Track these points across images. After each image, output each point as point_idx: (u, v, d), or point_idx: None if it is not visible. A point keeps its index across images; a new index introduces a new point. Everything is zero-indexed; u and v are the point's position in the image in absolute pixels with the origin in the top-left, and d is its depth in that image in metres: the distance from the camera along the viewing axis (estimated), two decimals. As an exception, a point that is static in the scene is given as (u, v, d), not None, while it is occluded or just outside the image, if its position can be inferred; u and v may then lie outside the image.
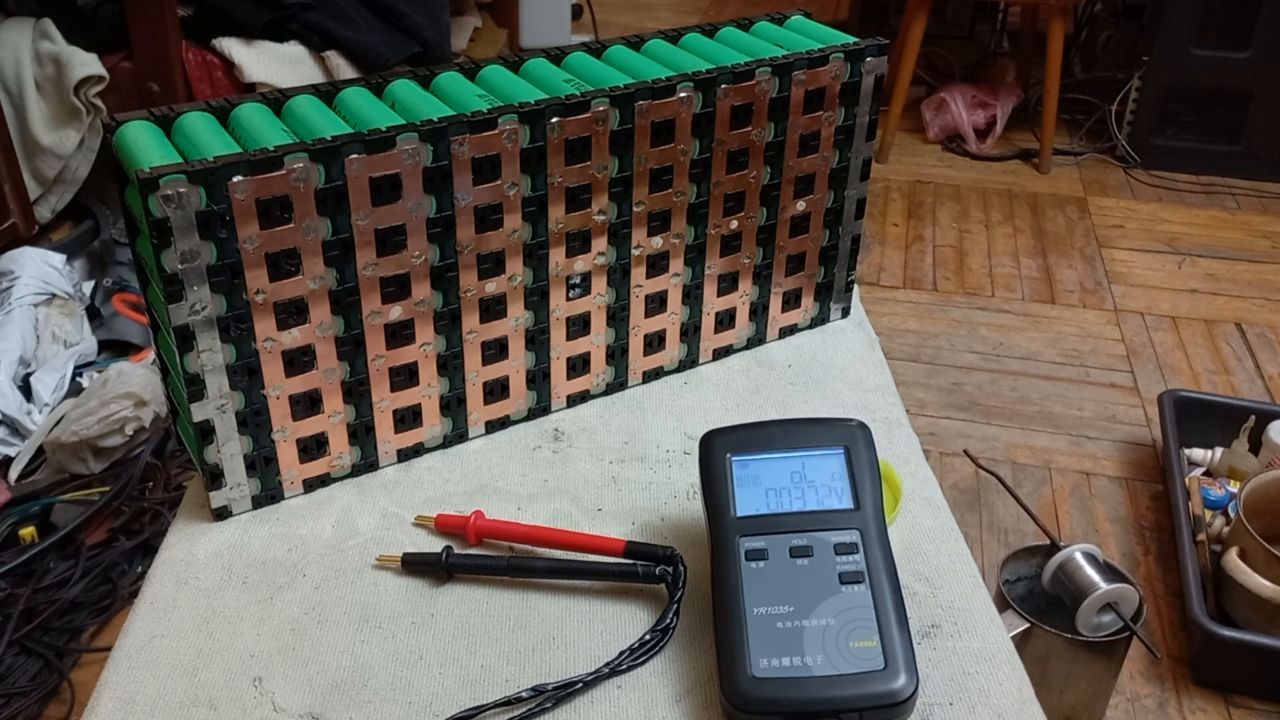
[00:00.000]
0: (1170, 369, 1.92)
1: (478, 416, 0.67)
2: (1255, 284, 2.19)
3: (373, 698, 0.51)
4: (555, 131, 0.59)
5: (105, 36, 1.77)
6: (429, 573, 0.57)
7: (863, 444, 0.55)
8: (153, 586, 0.57)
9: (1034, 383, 1.87)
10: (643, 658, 0.53)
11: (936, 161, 2.69)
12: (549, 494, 0.63)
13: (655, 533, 0.61)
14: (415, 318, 0.61)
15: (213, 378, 0.56)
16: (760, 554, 0.52)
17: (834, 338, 0.77)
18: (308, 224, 0.55)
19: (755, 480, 0.55)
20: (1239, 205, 2.50)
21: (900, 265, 2.25)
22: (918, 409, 1.80)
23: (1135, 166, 2.66)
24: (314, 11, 1.91)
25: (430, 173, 0.57)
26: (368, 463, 0.64)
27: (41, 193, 1.82)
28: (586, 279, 0.66)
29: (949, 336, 2.01)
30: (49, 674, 1.32)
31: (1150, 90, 2.57)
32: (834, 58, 0.67)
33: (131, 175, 0.52)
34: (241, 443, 0.59)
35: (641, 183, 0.64)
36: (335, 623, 0.55)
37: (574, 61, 0.67)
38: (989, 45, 3.17)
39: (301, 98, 0.60)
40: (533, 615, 0.55)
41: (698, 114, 0.64)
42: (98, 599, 1.40)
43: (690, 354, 0.73)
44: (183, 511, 0.62)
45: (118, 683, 0.52)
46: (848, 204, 0.74)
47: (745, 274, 0.72)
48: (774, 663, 0.48)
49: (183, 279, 0.53)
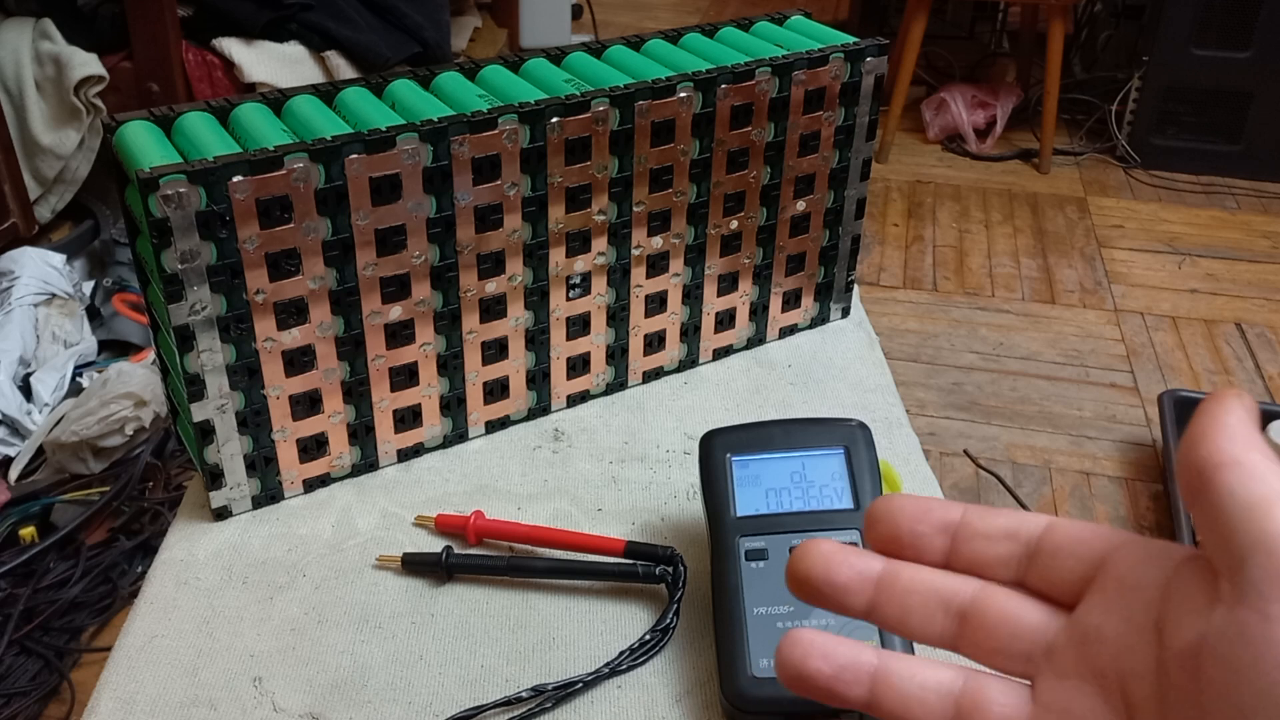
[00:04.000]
0: (1170, 369, 1.92)
1: (478, 416, 0.67)
2: (1255, 284, 2.19)
3: (373, 698, 0.51)
4: (555, 131, 0.59)
5: (105, 36, 1.77)
6: (429, 573, 0.57)
7: (863, 444, 0.55)
8: (153, 586, 0.57)
9: (1034, 383, 1.87)
10: (643, 658, 0.53)
11: (936, 161, 2.69)
12: (549, 494, 0.63)
13: (655, 533, 0.61)
14: (415, 318, 0.61)
15: (213, 378, 0.56)
16: (760, 554, 0.52)
17: (834, 338, 0.77)
18: (308, 224, 0.55)
19: (755, 480, 0.55)
20: (1239, 205, 2.50)
21: (900, 265, 2.25)
22: (918, 409, 1.80)
23: (1135, 166, 2.66)
24: (314, 11, 1.91)
25: (430, 173, 0.57)
26: (368, 463, 0.64)
27: (41, 193, 1.82)
28: (586, 279, 0.66)
29: (949, 336, 2.01)
30: (49, 674, 1.32)
31: (1150, 90, 2.57)
32: (834, 58, 0.67)
33: (131, 175, 0.52)
34: (241, 443, 0.59)
35: (641, 183, 0.64)
36: (335, 623, 0.55)
37: (574, 61, 0.67)
38: (989, 45, 3.17)
39: (301, 98, 0.60)
40: (533, 615, 0.55)
41: (698, 114, 0.64)
42: (98, 599, 1.40)
43: (690, 354, 0.73)
44: (183, 511, 0.62)
45: (118, 683, 0.52)
46: (848, 204, 0.74)
47: (745, 274, 0.72)
48: (774, 663, 0.48)
49: (183, 279, 0.53)
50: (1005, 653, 0.29)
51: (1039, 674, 0.29)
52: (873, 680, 0.29)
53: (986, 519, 0.30)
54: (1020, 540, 0.29)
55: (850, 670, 0.29)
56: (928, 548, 0.30)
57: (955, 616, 0.29)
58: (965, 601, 0.29)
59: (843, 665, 0.29)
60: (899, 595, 0.30)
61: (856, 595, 0.30)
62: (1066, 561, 0.28)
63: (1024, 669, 0.29)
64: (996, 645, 0.29)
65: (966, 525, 0.30)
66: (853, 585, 0.30)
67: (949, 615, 0.29)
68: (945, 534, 0.30)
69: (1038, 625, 0.29)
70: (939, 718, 0.29)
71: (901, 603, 0.30)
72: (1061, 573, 0.29)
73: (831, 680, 0.29)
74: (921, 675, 0.29)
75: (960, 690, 0.29)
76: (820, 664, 0.29)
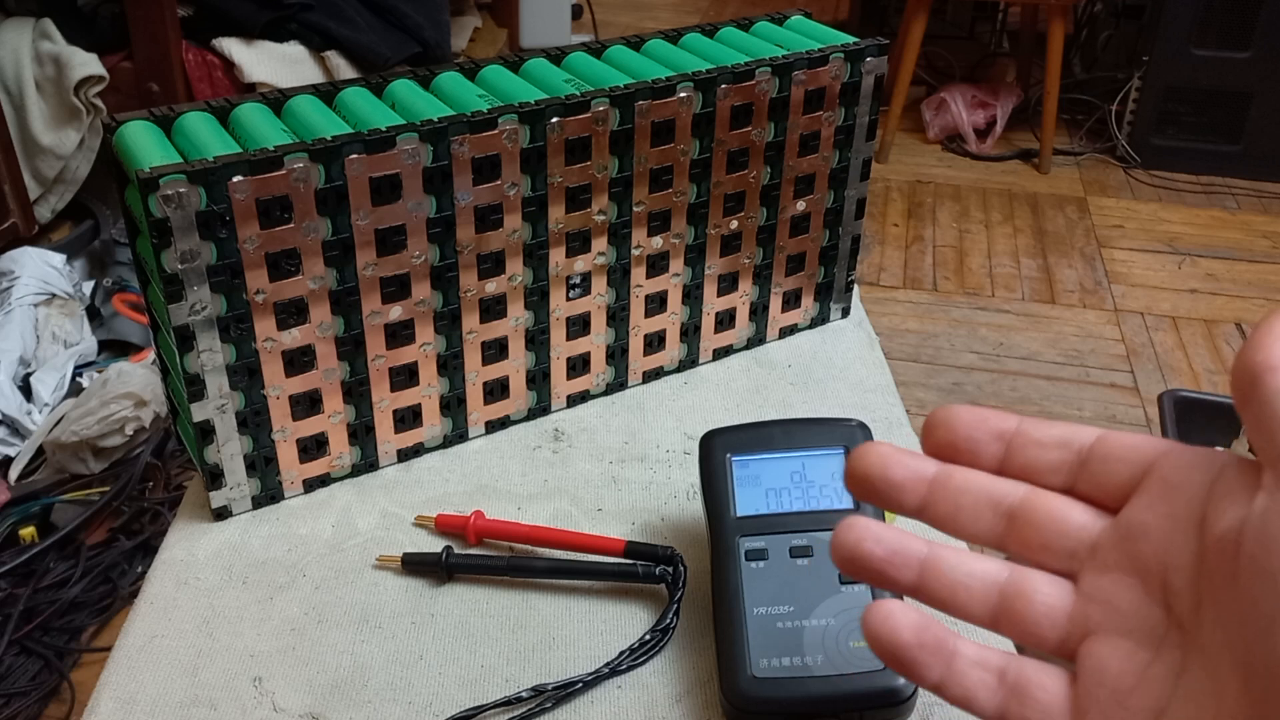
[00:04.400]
0: (1170, 369, 1.92)
1: (478, 416, 0.67)
2: (1255, 284, 2.19)
3: (373, 698, 0.51)
4: (555, 131, 0.59)
5: (105, 36, 1.77)
6: (429, 573, 0.57)
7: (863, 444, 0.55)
8: (153, 586, 0.57)
9: (1034, 383, 1.87)
10: (643, 658, 0.53)
11: (936, 161, 2.70)
12: (549, 494, 0.63)
13: (655, 533, 0.61)
14: (415, 318, 0.61)
15: (213, 378, 0.56)
16: (760, 554, 0.52)
17: (834, 338, 0.77)
18: (308, 224, 0.55)
19: (755, 480, 0.55)
20: (1239, 205, 2.50)
21: (900, 265, 2.25)
22: (918, 409, 1.80)
23: (1135, 166, 2.66)
24: (314, 11, 1.91)
25: (430, 173, 0.57)
26: (368, 463, 0.64)
27: (41, 193, 1.82)
28: (586, 279, 0.66)
29: (949, 336, 2.01)
30: (49, 674, 1.32)
31: (1150, 90, 2.57)
32: (834, 58, 0.67)
33: (131, 175, 0.52)
34: (241, 443, 0.59)
35: (641, 183, 0.64)
36: (335, 623, 0.55)
37: (574, 61, 0.67)
38: (989, 45, 3.17)
39: (301, 98, 0.60)
40: (533, 615, 0.55)
41: (698, 114, 0.64)
42: (98, 599, 1.40)
43: (690, 354, 0.73)
44: (183, 511, 0.62)
45: (118, 683, 0.52)
46: (848, 204, 0.74)
47: (745, 274, 0.72)
48: (774, 663, 0.48)
49: (183, 279, 0.53)
50: (1051, 549, 0.30)
51: (1082, 570, 0.30)
52: (922, 566, 0.30)
53: (1041, 428, 0.31)
54: (1073, 449, 0.30)
55: (901, 555, 0.30)
56: (983, 454, 0.31)
57: (1004, 516, 0.31)
58: (1015, 502, 0.31)
59: (894, 550, 0.30)
60: (951, 494, 0.31)
61: (910, 493, 0.31)
62: (1116, 467, 0.30)
63: (1068, 566, 0.30)
64: (1043, 542, 0.30)
65: (1021, 434, 0.31)
66: (908, 484, 0.31)
67: (998, 515, 0.31)
68: (1000, 441, 0.31)
69: (1084, 524, 0.30)
70: (983, 604, 0.30)
71: (953, 501, 0.31)
72: (1110, 478, 0.30)
73: (883, 563, 0.30)
74: (969, 565, 0.30)
75: (1005, 580, 0.30)
76: (873, 547, 0.30)
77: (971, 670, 0.29)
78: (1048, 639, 0.29)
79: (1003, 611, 0.30)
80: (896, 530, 0.31)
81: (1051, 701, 0.29)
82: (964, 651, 0.30)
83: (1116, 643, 0.28)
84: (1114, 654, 0.28)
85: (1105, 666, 0.28)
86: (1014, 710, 0.29)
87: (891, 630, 0.30)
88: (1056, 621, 0.29)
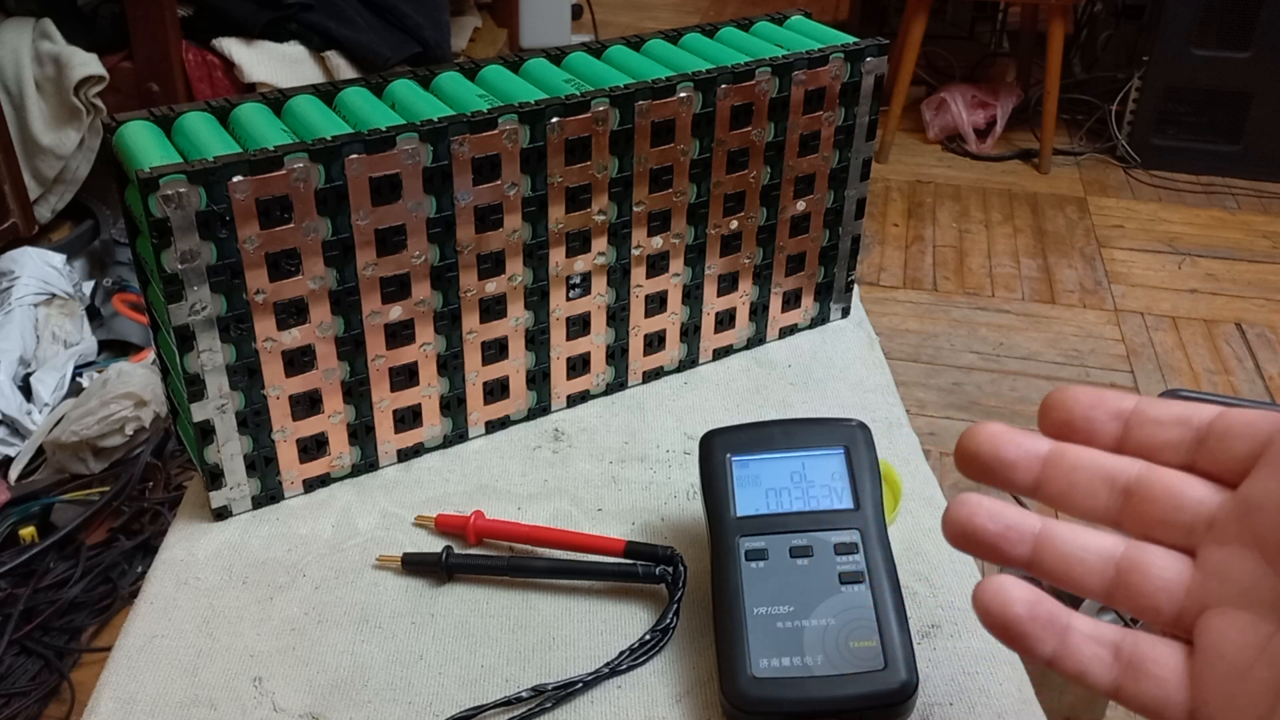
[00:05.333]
0: (1170, 369, 1.92)
1: (478, 416, 0.67)
2: (1255, 284, 2.19)
3: (373, 698, 0.51)
4: (555, 131, 0.59)
5: (105, 36, 1.77)
6: (429, 573, 0.57)
7: (863, 444, 0.55)
8: (153, 586, 0.57)
9: (1034, 383, 1.87)
10: (643, 658, 0.53)
11: (936, 161, 2.70)
12: (549, 494, 0.63)
13: (655, 533, 0.61)
14: (415, 318, 0.61)
15: (213, 378, 0.56)
16: (760, 554, 0.52)
17: (834, 338, 0.77)
18: (308, 224, 0.55)
19: (755, 480, 0.55)
20: (1239, 205, 2.50)
21: (900, 265, 2.25)
22: (918, 409, 1.80)
23: (1135, 166, 2.66)
24: (314, 11, 1.91)
25: (430, 173, 0.57)
26: (368, 463, 0.64)
27: (41, 193, 1.82)
28: (586, 279, 0.66)
29: (949, 336, 2.01)
30: (49, 674, 1.32)
31: (1150, 90, 2.57)
32: (834, 58, 0.67)
33: (131, 175, 0.52)
34: (241, 443, 0.59)
35: (641, 183, 0.64)
36: (335, 623, 0.55)
37: (574, 61, 0.67)
38: (989, 45, 3.17)
39: (301, 98, 0.60)
40: (533, 615, 0.55)
41: (698, 114, 0.64)
42: (98, 599, 1.40)
43: (690, 354, 0.73)
44: (183, 511, 0.62)
45: (118, 683, 0.52)
46: (848, 204, 0.74)
47: (745, 274, 0.72)
48: (774, 663, 0.48)
49: (183, 279, 0.53)
50: (1168, 524, 0.30)
51: (1200, 544, 0.29)
52: (1036, 541, 0.30)
53: (1158, 406, 0.31)
54: (1191, 426, 0.30)
55: (1015, 530, 0.30)
56: (1100, 433, 0.31)
57: (1120, 493, 0.30)
58: (1131, 479, 0.30)
59: (1008, 525, 0.30)
60: (1065, 472, 0.31)
61: (1023, 472, 0.31)
62: (1235, 443, 0.29)
63: (1185, 541, 0.30)
64: (1160, 517, 0.30)
65: (1139, 412, 0.31)
66: (1021, 462, 0.31)
67: (1113, 491, 0.30)
68: (1118, 420, 0.31)
69: (1201, 499, 0.29)
70: (1099, 577, 0.30)
71: (1067, 479, 0.31)
72: (1229, 454, 0.29)
73: (997, 538, 0.30)
74: (1084, 539, 0.30)
75: (1121, 555, 0.30)
76: (986, 522, 0.30)
77: (1086, 644, 0.29)
78: (1164, 612, 0.29)
79: (1118, 585, 0.29)
80: (1009, 506, 0.30)
81: (1168, 676, 0.28)
82: (1078, 626, 0.29)
83: (1236, 616, 0.28)
84: (1233, 627, 0.28)
85: (1225, 640, 0.28)
86: (1129, 685, 0.28)
87: (1004, 604, 0.29)
88: (1173, 595, 0.29)
